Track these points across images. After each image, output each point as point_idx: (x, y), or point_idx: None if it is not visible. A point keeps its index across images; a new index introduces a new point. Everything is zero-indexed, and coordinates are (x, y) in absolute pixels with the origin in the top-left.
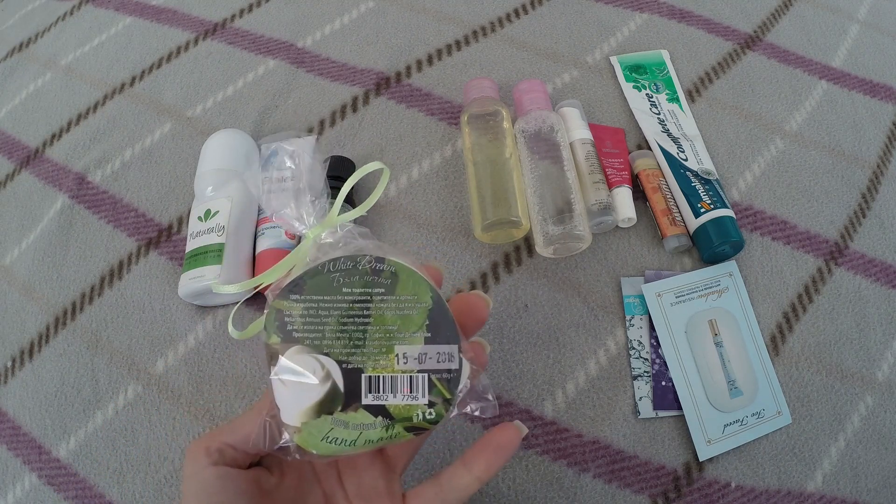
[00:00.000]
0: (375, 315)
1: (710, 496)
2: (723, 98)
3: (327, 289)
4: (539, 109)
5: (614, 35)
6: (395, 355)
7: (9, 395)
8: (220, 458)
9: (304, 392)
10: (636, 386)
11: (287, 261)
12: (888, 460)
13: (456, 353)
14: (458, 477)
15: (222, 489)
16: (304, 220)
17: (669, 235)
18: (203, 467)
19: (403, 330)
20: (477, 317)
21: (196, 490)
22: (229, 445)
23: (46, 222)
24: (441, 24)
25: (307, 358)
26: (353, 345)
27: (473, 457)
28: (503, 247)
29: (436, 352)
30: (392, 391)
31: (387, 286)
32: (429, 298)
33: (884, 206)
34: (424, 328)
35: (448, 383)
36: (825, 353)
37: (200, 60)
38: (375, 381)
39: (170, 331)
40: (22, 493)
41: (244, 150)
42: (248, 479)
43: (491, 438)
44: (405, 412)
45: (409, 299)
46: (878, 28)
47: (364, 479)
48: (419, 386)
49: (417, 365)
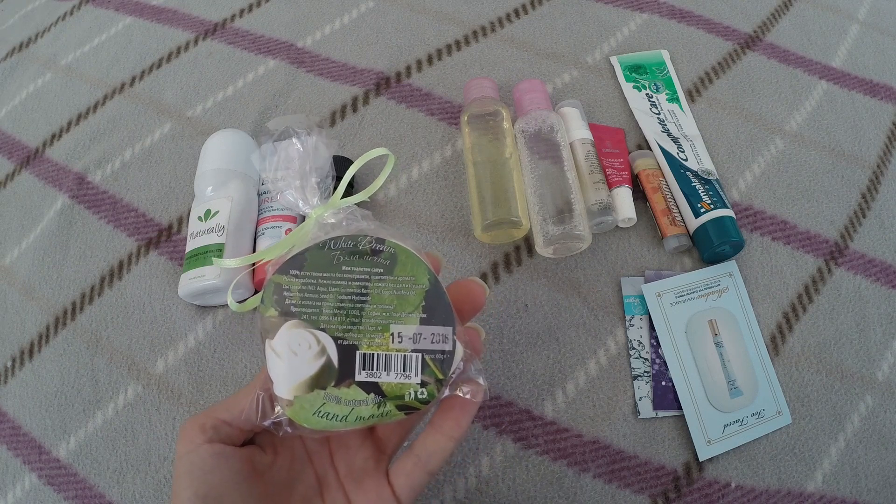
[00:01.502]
0: (373, 294)
1: (710, 496)
2: (723, 98)
3: (327, 266)
4: (539, 109)
5: (614, 35)
6: (391, 334)
7: (9, 395)
8: (214, 435)
9: (298, 366)
10: (636, 386)
11: (288, 239)
12: (888, 460)
13: (450, 335)
14: (431, 441)
15: (216, 467)
16: (308, 200)
17: (669, 235)
18: (197, 445)
19: (400, 310)
20: (474, 303)
21: (189, 468)
22: (224, 422)
23: (46, 222)
24: (441, 24)
25: (303, 332)
26: (350, 322)
27: (441, 418)
28: (503, 247)
29: (430, 332)
30: (385, 369)
31: (386, 267)
32: (426, 281)
33: (884, 206)
34: (420, 309)
35: (441, 364)
36: (825, 353)
37: (200, 60)
38: (370, 358)
39: (170, 331)
40: (22, 493)
41: (244, 150)
42: (243, 457)
43: (453, 399)
44: (397, 390)
45: (407, 280)
46: (878, 28)
47: (355, 459)
48: (412, 365)
49: (412, 344)
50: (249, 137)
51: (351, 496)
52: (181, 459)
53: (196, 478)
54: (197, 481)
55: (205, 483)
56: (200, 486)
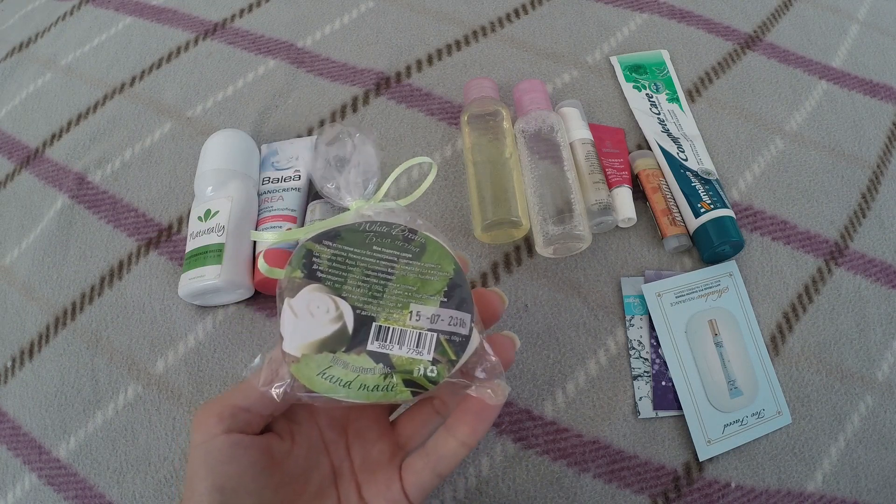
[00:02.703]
0: (398, 274)
1: (710, 496)
2: (723, 98)
3: (359, 243)
4: (539, 109)
5: (614, 35)
6: (409, 312)
7: (9, 395)
8: (233, 424)
9: (312, 326)
10: (636, 386)
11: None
12: (888, 460)
13: (468, 321)
14: (444, 444)
15: (233, 458)
16: (351, 193)
17: (669, 235)
18: (214, 435)
19: (422, 292)
20: (491, 312)
21: (205, 458)
22: (242, 409)
23: (46, 222)
24: (441, 24)
25: (324, 296)
26: (372, 295)
27: (456, 422)
28: (503, 247)
29: (449, 315)
30: (399, 343)
31: (414, 253)
32: (451, 270)
33: (884, 206)
34: (442, 294)
35: (455, 346)
36: (825, 353)
37: (200, 60)
38: (385, 331)
39: (170, 331)
40: (22, 493)
41: (244, 150)
42: (261, 446)
43: (473, 402)
44: (407, 364)
45: (433, 267)
46: (878, 28)
47: (372, 451)
48: (426, 342)
49: (429, 324)
50: (249, 137)
51: (363, 487)
52: (197, 449)
53: (213, 469)
54: (214, 472)
55: (222, 474)
56: (218, 477)
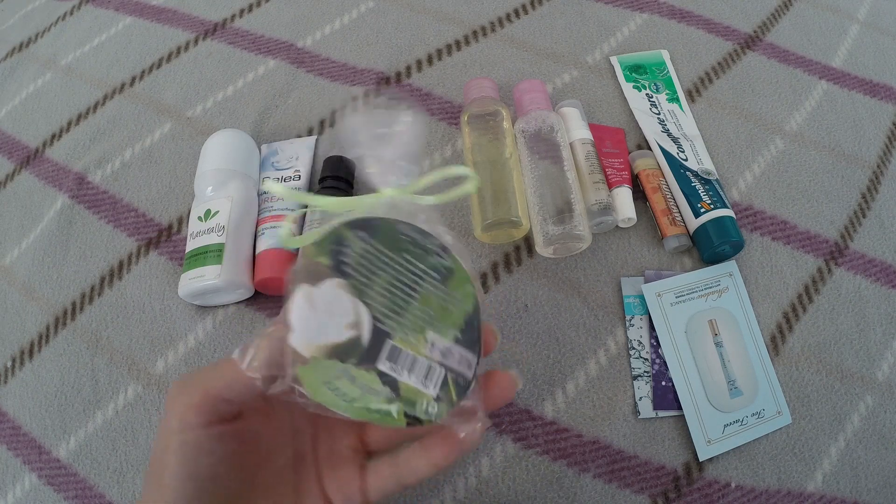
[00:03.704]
0: (423, 294)
1: (710, 496)
2: (723, 98)
3: (393, 245)
4: (539, 109)
5: (614, 35)
6: (425, 339)
7: (9, 395)
8: (213, 416)
9: (327, 326)
10: (636, 386)
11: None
12: (888, 460)
13: (474, 365)
14: (416, 459)
15: (213, 450)
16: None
17: (669, 235)
18: (192, 427)
19: (441, 321)
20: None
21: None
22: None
23: (46, 222)
24: (441, 24)
25: (346, 296)
26: (392, 309)
27: (434, 444)
28: (503, 247)
29: (459, 353)
30: (409, 370)
31: (442, 275)
32: (471, 306)
33: (884, 206)
34: (458, 329)
35: (458, 387)
36: (825, 353)
37: (200, 60)
38: (397, 352)
39: (170, 331)
40: (22, 493)
41: (244, 150)
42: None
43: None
44: (412, 395)
45: (456, 297)
46: (878, 28)
47: (338, 446)
48: (434, 377)
49: (440, 357)
50: (249, 137)
51: (324, 478)
52: (172, 436)
53: (189, 459)
54: (191, 462)
55: (199, 464)
56: (195, 466)
